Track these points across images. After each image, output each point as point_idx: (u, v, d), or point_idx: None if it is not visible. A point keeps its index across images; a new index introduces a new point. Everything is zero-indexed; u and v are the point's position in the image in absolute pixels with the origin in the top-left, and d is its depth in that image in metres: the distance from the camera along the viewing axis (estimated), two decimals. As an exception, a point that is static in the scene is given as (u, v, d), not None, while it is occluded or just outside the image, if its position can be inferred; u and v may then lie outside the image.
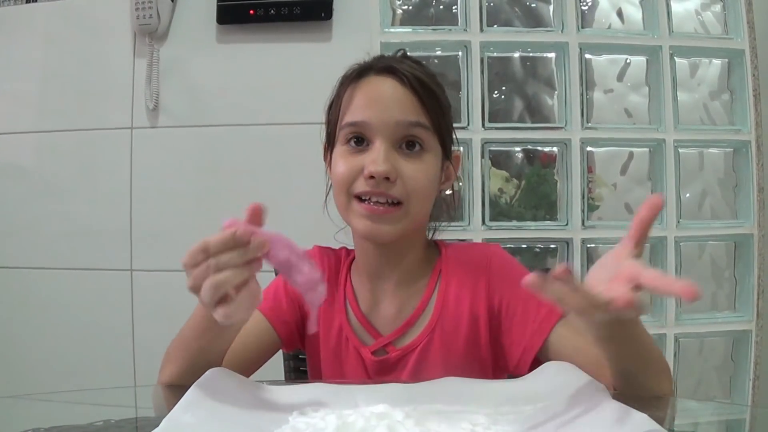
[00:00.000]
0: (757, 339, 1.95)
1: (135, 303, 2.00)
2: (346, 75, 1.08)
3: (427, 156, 1.02)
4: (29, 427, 0.72)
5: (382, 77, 1.03)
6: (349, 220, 1.03)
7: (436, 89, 1.04)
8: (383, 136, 0.99)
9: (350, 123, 1.01)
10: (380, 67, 1.04)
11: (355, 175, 0.99)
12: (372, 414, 0.69)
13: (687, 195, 2.03)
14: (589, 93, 2.03)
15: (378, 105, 1.00)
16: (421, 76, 1.02)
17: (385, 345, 1.05)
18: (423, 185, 1.00)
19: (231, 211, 0.93)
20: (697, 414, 0.91)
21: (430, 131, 1.01)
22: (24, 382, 1.98)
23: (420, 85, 1.01)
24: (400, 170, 0.98)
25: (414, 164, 1.00)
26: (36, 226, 2.04)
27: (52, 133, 2.05)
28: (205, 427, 0.65)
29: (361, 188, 0.99)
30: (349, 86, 1.05)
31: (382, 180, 0.97)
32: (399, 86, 1.01)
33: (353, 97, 1.03)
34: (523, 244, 1.99)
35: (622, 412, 0.65)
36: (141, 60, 2.00)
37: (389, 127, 0.99)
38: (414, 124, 1.00)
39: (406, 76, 1.01)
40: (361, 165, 0.99)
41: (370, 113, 1.00)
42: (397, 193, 0.98)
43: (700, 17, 2.08)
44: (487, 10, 1.99)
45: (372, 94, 1.02)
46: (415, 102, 1.00)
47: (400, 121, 0.99)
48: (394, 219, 0.99)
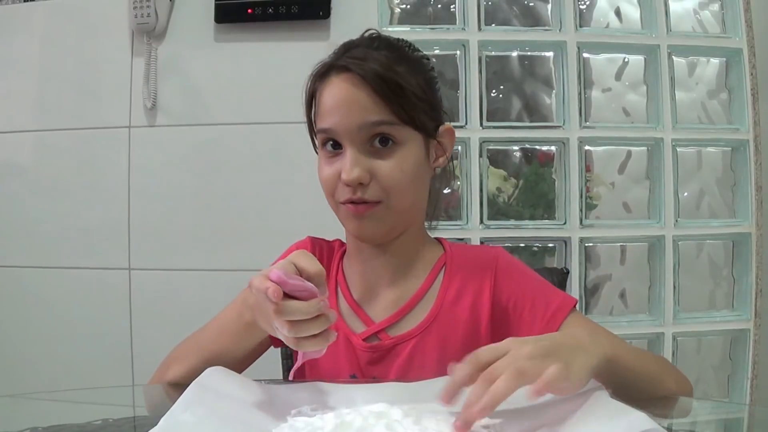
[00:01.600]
0: (755, 338, 1.96)
1: (133, 302, 2.00)
2: (312, 73, 1.06)
3: (400, 150, 0.99)
4: (27, 427, 0.72)
5: (341, 78, 1.00)
6: (342, 221, 1.04)
7: (398, 78, 0.98)
8: (349, 142, 0.98)
9: (320, 130, 1.02)
10: (339, 66, 1.01)
11: (335, 182, 1.00)
12: (370, 413, 0.69)
13: (685, 194, 2.04)
14: (587, 92, 2.03)
15: (339, 110, 0.98)
16: (377, 67, 0.98)
17: (377, 332, 1.04)
18: (399, 180, 0.99)
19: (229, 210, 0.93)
20: (696, 413, 0.91)
21: (398, 125, 0.98)
22: (22, 382, 1.98)
23: (378, 79, 0.97)
24: (373, 171, 0.98)
25: (387, 161, 0.98)
26: (33, 225, 2.03)
27: (49, 132, 2.04)
28: (203, 426, 0.65)
29: (342, 196, 0.99)
30: (317, 86, 1.04)
31: (357, 186, 0.97)
32: (357, 85, 0.98)
33: (320, 102, 1.02)
34: (521, 243, 1.99)
35: (620, 410, 0.65)
36: (139, 59, 2.00)
37: (352, 131, 0.98)
38: (377, 123, 0.97)
39: (361, 74, 0.98)
40: (338, 172, 0.99)
41: (334, 120, 0.99)
42: (373, 195, 0.98)
43: (698, 16, 2.08)
44: (485, 9, 1.99)
45: (333, 99, 1.00)
46: (375, 100, 0.97)
47: (362, 124, 0.97)
48: (377, 216, 0.99)
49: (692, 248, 2.05)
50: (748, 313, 1.97)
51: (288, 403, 0.77)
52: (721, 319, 2.00)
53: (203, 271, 1.97)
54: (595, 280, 2.07)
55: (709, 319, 2.01)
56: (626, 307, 2.07)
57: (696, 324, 1.98)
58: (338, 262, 1.12)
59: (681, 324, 1.96)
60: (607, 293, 2.08)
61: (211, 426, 0.66)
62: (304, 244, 1.14)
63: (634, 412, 0.63)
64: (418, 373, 0.98)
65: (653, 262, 2.00)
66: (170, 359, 1.04)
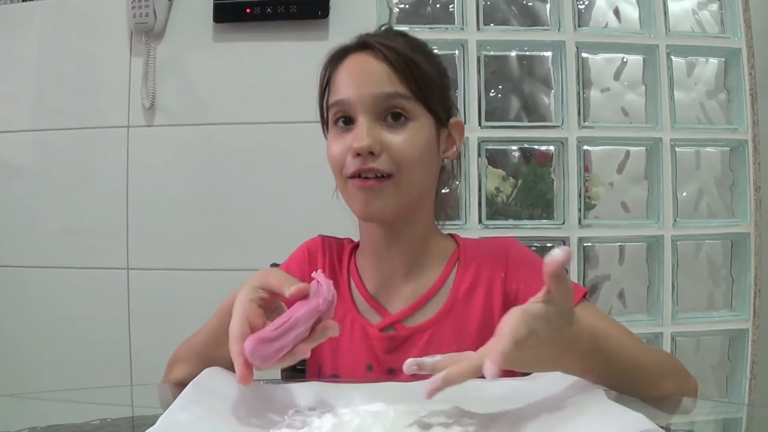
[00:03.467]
0: (753, 338, 1.96)
1: (131, 301, 1.99)
2: (327, 59, 1.09)
3: (412, 125, 1.01)
4: (26, 426, 0.72)
5: (359, 54, 1.03)
6: (348, 202, 1.03)
7: (416, 57, 1.03)
8: (363, 112, 0.99)
9: (333, 103, 1.03)
10: (356, 44, 1.05)
11: (344, 155, 1.00)
12: (368, 413, 0.69)
13: (684, 194, 2.04)
14: (586, 92, 2.03)
15: (355, 82, 1.01)
16: (396, 46, 1.02)
17: (393, 323, 1.05)
18: (411, 154, 1.00)
19: (228, 210, 0.94)
20: (694, 413, 0.90)
21: (412, 100, 1.01)
22: (20, 382, 1.98)
23: (396, 56, 1.01)
24: (385, 142, 0.99)
25: (399, 135, 1.00)
26: (32, 225, 2.03)
27: (48, 132, 2.04)
28: (201, 425, 0.65)
29: (351, 168, 0.99)
30: (333, 69, 1.06)
31: (367, 155, 0.97)
32: (373, 60, 1.01)
33: (336, 79, 1.04)
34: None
35: (618, 411, 0.65)
36: (137, 58, 2.00)
37: (366, 101, 0.99)
38: (391, 95, 1.00)
39: (380, 49, 1.01)
40: (346, 146, 0.99)
41: (348, 91, 1.00)
42: (385, 166, 0.98)
43: (696, 16, 2.08)
44: (483, 8, 1.99)
45: (349, 72, 1.02)
46: (390, 73, 1.00)
47: (376, 94, 0.99)
48: (386, 193, 0.99)
49: (691, 248, 2.05)
50: (746, 313, 1.97)
51: (286, 402, 0.77)
52: (719, 319, 2.00)
53: (201, 271, 1.97)
54: (594, 280, 2.07)
55: (708, 319, 2.01)
56: (625, 307, 2.07)
57: (694, 324, 1.98)
58: (349, 256, 1.13)
59: (679, 324, 1.96)
60: (606, 293, 2.07)
61: (208, 425, 0.66)
62: (315, 243, 1.15)
63: (631, 412, 0.62)
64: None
65: (652, 262, 2.00)
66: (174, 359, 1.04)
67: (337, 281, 1.10)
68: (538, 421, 0.69)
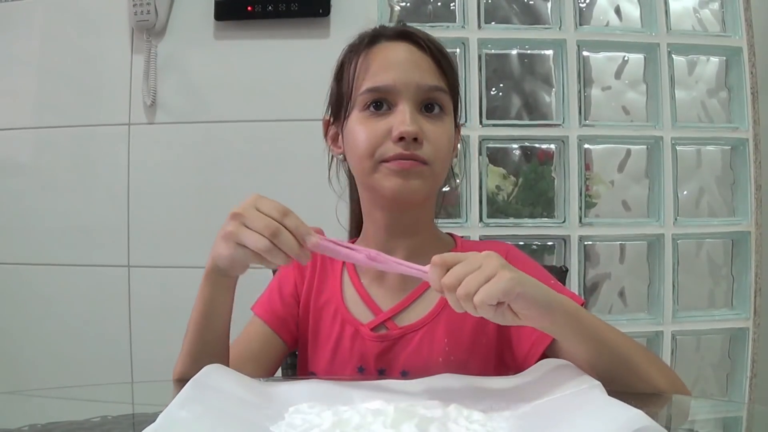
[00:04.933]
0: (754, 336, 1.96)
1: (132, 299, 2.00)
2: (354, 43, 1.07)
3: (446, 119, 1.03)
4: (26, 423, 0.72)
5: (397, 42, 1.03)
6: (374, 183, 1.01)
7: (449, 56, 1.06)
8: (407, 99, 0.99)
9: (371, 89, 1.00)
10: (393, 32, 1.05)
11: (380, 139, 0.98)
12: (368, 410, 0.69)
13: (684, 192, 2.04)
14: (587, 90, 2.03)
15: (399, 68, 1.00)
16: (435, 41, 1.04)
17: (384, 321, 1.04)
18: (446, 147, 1.02)
19: (229, 208, 0.94)
20: (694, 411, 0.90)
21: (448, 95, 1.03)
22: (21, 379, 1.98)
23: (437, 50, 1.03)
24: (426, 132, 0.98)
25: (436, 126, 1.00)
26: (33, 223, 2.04)
27: (49, 129, 2.04)
28: (201, 423, 0.65)
29: (390, 152, 0.98)
30: (362, 53, 1.04)
31: (411, 141, 0.97)
32: (416, 50, 1.02)
33: (369, 64, 1.02)
34: (521, 241, 1.99)
35: (618, 407, 0.65)
36: (138, 56, 2.00)
37: (410, 89, 0.99)
38: (434, 88, 1.01)
39: (423, 40, 1.02)
40: (385, 129, 0.98)
41: (393, 76, 0.99)
42: (426, 154, 0.98)
43: (698, 15, 2.07)
44: (485, 6, 1.99)
45: (390, 58, 1.02)
46: (433, 66, 1.02)
47: (421, 84, 1.00)
48: (423, 175, 0.99)
49: (691, 247, 2.05)
50: (747, 312, 1.97)
51: (286, 400, 0.77)
52: (720, 318, 2.00)
53: (202, 269, 1.96)
54: (595, 279, 2.07)
55: (708, 317, 2.01)
56: (625, 305, 2.07)
57: (695, 322, 1.99)
58: None
59: (680, 322, 1.96)
60: (607, 292, 2.08)
61: (208, 423, 0.66)
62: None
63: (631, 409, 0.62)
64: (426, 364, 0.98)
65: (652, 260, 2.00)
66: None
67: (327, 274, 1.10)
68: (538, 418, 0.69)
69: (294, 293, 1.10)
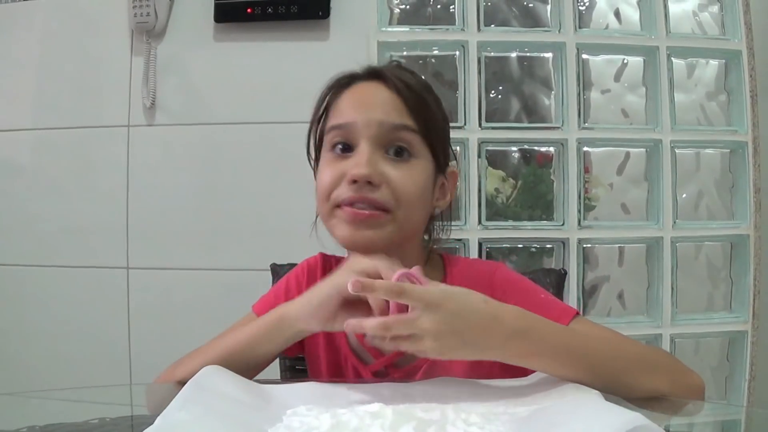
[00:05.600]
0: (752, 340, 1.96)
1: (131, 301, 2.00)
2: (331, 84, 1.05)
3: (415, 162, 0.97)
4: (25, 425, 0.72)
5: (368, 82, 1.01)
6: (332, 229, 0.98)
7: (426, 96, 1.01)
8: (367, 138, 0.95)
9: (333, 126, 0.98)
10: (367, 72, 1.02)
11: (337, 181, 0.95)
12: (366, 413, 0.69)
13: (683, 195, 2.04)
14: (586, 93, 2.03)
15: (362, 107, 0.97)
16: (409, 80, 1.00)
17: (386, 366, 1.01)
18: (411, 191, 0.96)
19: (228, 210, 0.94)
20: (693, 414, 0.90)
21: (418, 136, 0.97)
22: (20, 380, 1.98)
23: (407, 89, 0.98)
24: (385, 175, 0.94)
25: (401, 170, 0.95)
26: (32, 224, 2.04)
27: (48, 131, 2.04)
28: (199, 425, 0.65)
29: (343, 195, 0.94)
30: (336, 94, 1.03)
31: (365, 184, 0.93)
32: (384, 89, 0.98)
33: (339, 103, 1.01)
34: (519, 244, 1.99)
35: (615, 409, 0.65)
36: (138, 58, 2.00)
37: (372, 128, 0.95)
38: (399, 126, 0.96)
39: (392, 80, 0.98)
40: (344, 171, 0.95)
41: (354, 114, 0.97)
42: (383, 198, 0.93)
43: (697, 18, 2.08)
44: (484, 9, 1.99)
45: (357, 98, 0.99)
46: (400, 105, 0.97)
47: (384, 121, 0.96)
48: (378, 224, 0.94)
49: (690, 250, 2.05)
50: (746, 315, 1.97)
51: (284, 402, 0.77)
52: (719, 321, 2.00)
53: (201, 271, 1.97)
54: (593, 282, 2.07)
55: (707, 320, 2.01)
56: (624, 308, 2.08)
57: (694, 325, 1.99)
58: None
59: (679, 325, 1.96)
60: (605, 294, 2.08)
61: (207, 425, 0.66)
62: (315, 261, 1.11)
63: (629, 411, 0.62)
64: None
65: (651, 263, 2.00)
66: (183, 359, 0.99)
67: None
68: (536, 421, 0.69)
69: None
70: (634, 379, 0.83)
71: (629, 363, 0.85)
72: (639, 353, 0.89)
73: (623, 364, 0.84)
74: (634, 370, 0.84)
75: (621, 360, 0.85)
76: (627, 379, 0.83)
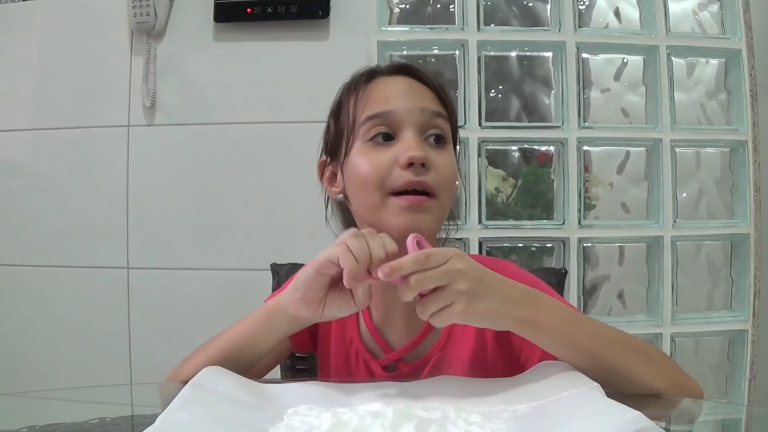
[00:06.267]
0: (753, 338, 1.96)
1: (131, 301, 2.00)
2: (351, 81, 1.06)
3: (449, 148, 1.01)
4: (25, 425, 0.72)
5: (395, 76, 1.03)
6: (383, 219, 0.96)
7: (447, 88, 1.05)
8: (410, 125, 0.97)
9: (372, 116, 0.98)
10: (389, 68, 1.05)
11: (388, 168, 0.95)
12: (366, 412, 0.69)
13: (683, 194, 2.04)
14: (586, 92, 2.03)
15: (399, 96, 0.99)
16: (429, 73, 1.04)
17: (396, 360, 1.03)
18: (452, 176, 0.99)
19: (228, 209, 0.93)
20: (693, 414, 0.90)
21: (449, 123, 1.02)
22: (20, 380, 1.98)
23: (433, 82, 1.03)
24: (431, 160, 0.96)
25: (441, 155, 0.98)
26: (32, 224, 2.03)
27: (48, 131, 2.04)
28: (200, 425, 0.65)
29: (400, 180, 0.94)
30: (360, 89, 1.03)
31: (419, 167, 0.94)
32: (415, 81, 1.02)
33: (368, 96, 1.01)
34: (520, 243, 1.99)
35: (616, 408, 0.65)
36: (138, 58, 2.00)
37: (414, 114, 0.97)
38: (437, 113, 0.99)
39: (421, 72, 1.02)
40: (392, 157, 0.95)
41: (394, 103, 0.98)
42: (433, 182, 0.95)
43: (697, 17, 2.08)
44: (484, 9, 1.99)
45: (390, 89, 1.01)
46: (433, 95, 1.01)
47: (425, 108, 0.98)
48: (428, 208, 0.95)
49: (691, 249, 2.05)
50: (746, 314, 1.97)
51: (284, 402, 0.77)
52: (719, 320, 2.01)
53: (201, 270, 1.97)
54: (594, 281, 2.07)
55: (708, 319, 2.01)
56: (624, 307, 2.08)
57: (694, 325, 1.99)
58: None
59: (679, 324, 1.96)
60: (606, 294, 2.08)
61: (207, 425, 0.66)
62: None
63: (630, 411, 0.62)
64: None
65: (651, 262, 2.00)
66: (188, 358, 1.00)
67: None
68: (536, 420, 0.69)
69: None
70: (634, 370, 0.84)
71: (630, 352, 0.86)
72: (641, 346, 0.89)
73: (624, 351, 0.85)
74: (635, 361, 0.85)
75: (623, 347, 0.86)
76: (627, 369, 0.83)
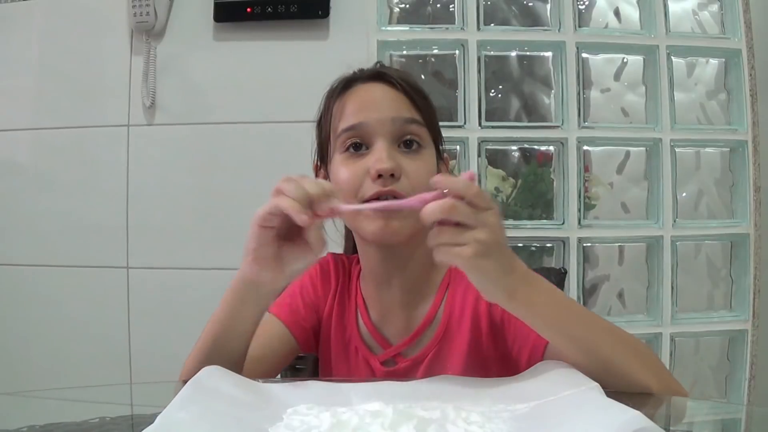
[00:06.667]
0: (753, 338, 1.96)
1: (131, 300, 2.00)
2: (331, 89, 1.08)
3: (425, 152, 1.02)
4: (25, 425, 0.72)
5: (370, 83, 1.04)
6: (360, 225, 1.00)
7: (422, 89, 1.06)
8: (382, 135, 0.99)
9: (346, 128, 1.01)
10: (367, 75, 1.06)
11: (360, 179, 0.98)
12: (366, 412, 0.69)
13: (683, 194, 2.04)
14: (586, 92, 2.03)
15: (372, 106, 1.01)
16: (406, 77, 1.05)
17: (394, 355, 1.05)
18: (426, 179, 0.96)
19: (228, 209, 0.94)
20: (693, 413, 0.90)
21: (425, 128, 1.02)
22: (20, 380, 1.98)
23: (409, 86, 1.03)
24: (402, 167, 0.98)
25: (415, 161, 0.99)
26: (32, 224, 2.03)
27: (48, 131, 2.04)
28: (199, 424, 0.65)
29: (370, 191, 0.97)
30: (337, 98, 1.05)
31: (388, 177, 0.96)
32: (389, 89, 1.03)
33: (344, 106, 1.03)
34: (520, 243, 1.99)
35: (616, 408, 0.65)
36: (138, 57, 2.00)
37: (386, 125, 0.99)
38: (409, 120, 1.00)
39: (395, 79, 1.03)
40: (364, 168, 0.98)
41: (366, 114, 1.00)
42: (404, 189, 0.96)
43: (697, 17, 2.08)
44: (484, 8, 1.99)
45: (364, 99, 1.02)
46: (407, 101, 1.02)
47: (396, 118, 0.99)
48: (402, 214, 0.97)
49: (690, 249, 2.05)
50: (746, 314, 1.97)
51: (284, 401, 0.77)
52: (719, 320, 2.01)
53: (201, 270, 1.97)
54: (593, 281, 2.07)
55: (707, 319, 2.01)
56: (624, 307, 2.07)
57: (694, 324, 1.99)
58: (356, 282, 1.12)
59: (679, 324, 1.96)
60: (605, 293, 2.08)
61: (207, 424, 0.66)
62: (327, 261, 1.14)
63: (630, 410, 0.62)
64: None
65: (651, 262, 2.00)
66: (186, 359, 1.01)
67: (346, 306, 1.11)
68: (536, 419, 0.69)
69: (314, 303, 1.11)
70: (626, 364, 0.84)
71: (624, 346, 0.86)
72: (634, 343, 0.89)
73: (618, 345, 0.85)
74: (627, 356, 0.85)
75: (616, 340, 0.86)
76: (619, 362, 0.83)
